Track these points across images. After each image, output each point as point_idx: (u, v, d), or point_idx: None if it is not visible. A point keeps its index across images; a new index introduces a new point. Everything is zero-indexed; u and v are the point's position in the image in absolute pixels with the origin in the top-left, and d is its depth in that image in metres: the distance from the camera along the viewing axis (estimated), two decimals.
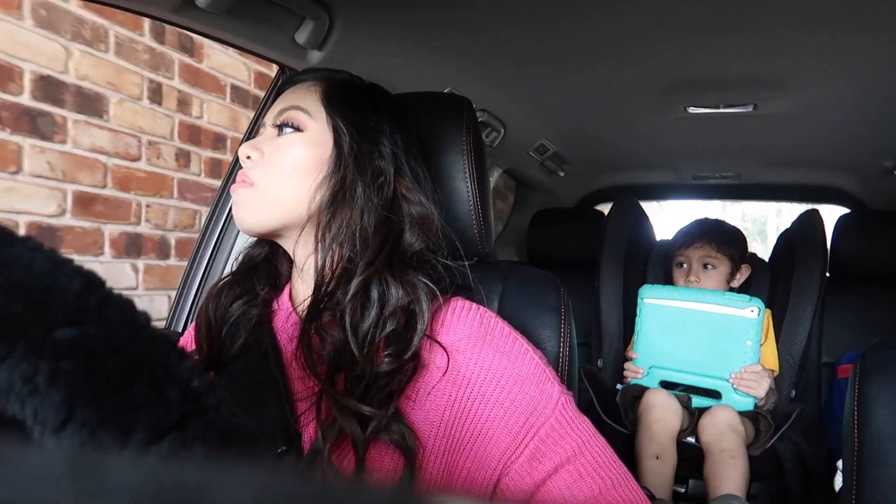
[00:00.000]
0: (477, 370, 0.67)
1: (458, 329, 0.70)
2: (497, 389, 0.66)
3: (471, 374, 0.67)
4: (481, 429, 0.65)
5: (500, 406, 0.66)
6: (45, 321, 0.27)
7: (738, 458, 1.48)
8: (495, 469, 0.65)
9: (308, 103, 0.75)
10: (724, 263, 1.75)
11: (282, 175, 0.72)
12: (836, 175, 2.29)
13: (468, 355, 0.68)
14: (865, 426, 0.82)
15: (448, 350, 0.68)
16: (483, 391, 0.66)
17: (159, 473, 0.15)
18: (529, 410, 0.65)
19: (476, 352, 0.68)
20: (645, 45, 1.25)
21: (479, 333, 0.69)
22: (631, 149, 2.20)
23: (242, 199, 0.72)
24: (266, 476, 0.15)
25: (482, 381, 0.67)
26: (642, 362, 1.67)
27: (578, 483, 0.63)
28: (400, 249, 0.72)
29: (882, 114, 1.57)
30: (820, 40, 1.18)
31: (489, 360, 0.68)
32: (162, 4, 0.89)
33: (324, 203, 0.71)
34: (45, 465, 0.15)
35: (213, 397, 0.30)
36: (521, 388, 0.67)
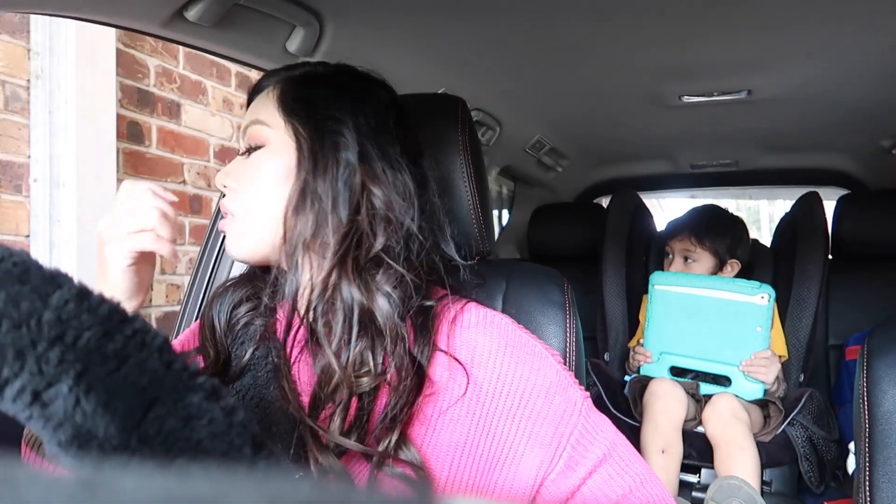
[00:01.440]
0: (500, 385, 0.64)
1: (476, 341, 0.66)
2: (523, 404, 0.64)
3: (494, 390, 0.64)
4: (511, 445, 0.63)
5: (529, 420, 0.63)
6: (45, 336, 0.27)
7: (746, 448, 1.47)
8: (533, 485, 0.63)
9: (266, 113, 0.71)
10: (704, 258, 1.73)
11: (253, 198, 0.69)
12: (835, 157, 2.28)
13: (489, 370, 0.65)
14: (876, 406, 0.82)
15: (467, 365, 0.64)
16: (509, 406, 0.64)
17: (172, 487, 0.15)
18: (557, 420, 0.64)
19: (497, 365, 0.65)
20: (636, 35, 1.25)
21: (499, 346, 0.66)
22: (628, 141, 2.20)
23: (228, 232, 0.71)
24: (279, 486, 0.15)
25: (506, 396, 0.64)
26: (652, 348, 1.67)
27: (610, 484, 0.63)
28: (365, 247, 0.65)
29: (877, 94, 1.56)
30: (811, 22, 1.18)
31: (512, 373, 0.65)
32: (152, 19, 0.89)
33: (289, 212, 0.66)
34: (59, 483, 0.15)
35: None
36: (547, 398, 0.64)
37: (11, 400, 0.27)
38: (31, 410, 0.27)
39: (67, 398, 0.26)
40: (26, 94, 1.65)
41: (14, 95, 1.62)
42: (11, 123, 1.62)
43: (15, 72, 1.62)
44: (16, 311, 0.27)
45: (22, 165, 1.64)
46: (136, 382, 0.28)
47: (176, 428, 0.29)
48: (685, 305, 1.62)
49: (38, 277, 0.28)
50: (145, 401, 0.28)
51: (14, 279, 0.28)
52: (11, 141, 1.62)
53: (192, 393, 0.30)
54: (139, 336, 0.29)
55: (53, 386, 0.26)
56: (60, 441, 0.27)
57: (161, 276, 1.99)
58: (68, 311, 0.28)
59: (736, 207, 8.43)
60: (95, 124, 1.75)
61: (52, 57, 1.68)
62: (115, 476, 0.16)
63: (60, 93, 1.69)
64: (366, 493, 0.16)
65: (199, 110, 2.13)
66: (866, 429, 0.83)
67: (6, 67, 1.60)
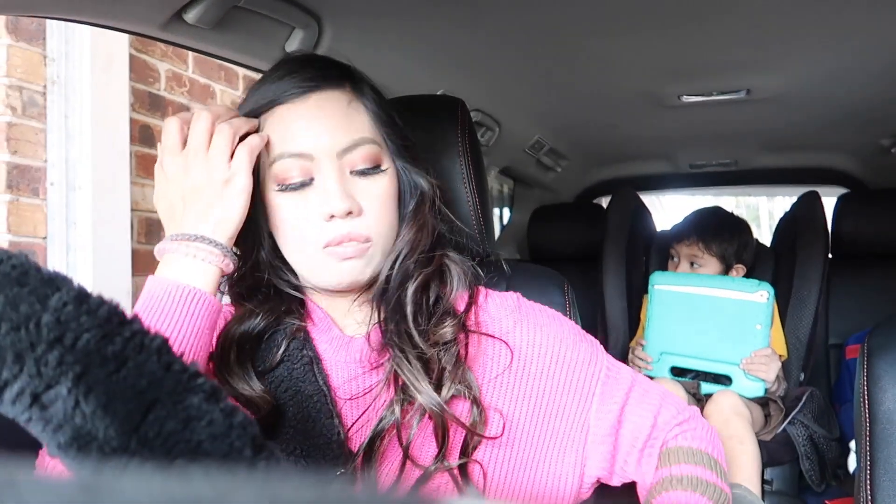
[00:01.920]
0: (532, 349, 0.73)
1: (499, 316, 0.74)
2: (555, 359, 0.73)
3: (528, 355, 0.72)
4: (553, 399, 0.71)
5: (563, 372, 0.73)
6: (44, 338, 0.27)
7: (747, 444, 1.47)
8: (583, 423, 0.72)
9: (369, 131, 0.70)
10: (710, 264, 1.72)
11: (387, 220, 0.70)
12: (834, 156, 2.28)
13: (518, 337, 0.73)
14: (876, 405, 0.82)
15: (499, 337, 0.72)
16: (544, 366, 0.72)
17: (172, 489, 0.15)
18: (586, 364, 0.74)
19: (524, 332, 0.73)
20: (635, 35, 1.25)
21: (519, 316, 0.74)
22: (627, 141, 2.20)
23: (363, 258, 0.68)
24: (280, 487, 0.15)
25: (540, 357, 0.72)
26: (653, 348, 1.67)
27: (643, 403, 0.74)
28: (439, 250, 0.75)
29: (876, 93, 1.56)
30: (810, 21, 1.18)
31: (538, 335, 0.73)
32: (150, 22, 0.89)
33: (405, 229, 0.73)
34: (60, 485, 0.15)
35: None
36: (574, 348, 0.74)
37: (11, 402, 0.27)
38: (31, 413, 0.27)
39: (67, 400, 0.26)
40: (43, 99, 1.68)
41: (31, 101, 1.65)
42: (28, 128, 1.65)
43: (32, 78, 1.66)
44: (15, 313, 0.27)
45: (39, 169, 1.67)
46: (136, 384, 0.28)
47: (176, 430, 0.29)
48: (685, 305, 1.62)
49: (37, 280, 0.28)
50: (145, 403, 0.28)
51: (13, 281, 0.28)
52: (29, 145, 1.65)
53: (192, 394, 0.30)
54: (138, 338, 0.29)
55: (53, 388, 0.26)
56: (60, 443, 0.27)
57: None
58: (67, 314, 0.28)
59: (735, 204, 8.43)
60: (110, 128, 1.79)
61: (67, 63, 1.72)
62: (115, 478, 0.16)
63: (76, 98, 1.73)
64: (365, 493, 0.16)
65: None
66: (867, 427, 0.83)
67: (23, 74, 1.63)
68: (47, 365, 0.26)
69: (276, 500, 0.15)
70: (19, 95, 1.62)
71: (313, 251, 0.67)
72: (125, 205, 1.83)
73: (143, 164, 1.93)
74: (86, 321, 0.28)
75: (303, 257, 0.69)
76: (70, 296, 0.28)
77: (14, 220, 1.61)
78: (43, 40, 1.68)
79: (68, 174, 1.72)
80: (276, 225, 0.69)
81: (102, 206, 1.76)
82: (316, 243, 0.66)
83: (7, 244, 1.60)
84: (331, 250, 0.66)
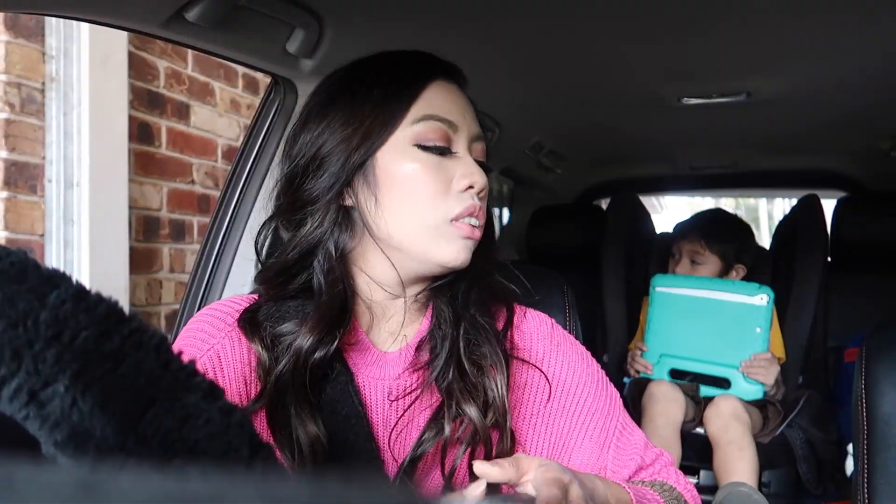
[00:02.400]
0: (555, 384, 0.70)
1: (530, 342, 0.72)
2: (575, 401, 0.70)
3: (550, 389, 0.70)
4: (566, 440, 0.69)
5: (580, 416, 0.70)
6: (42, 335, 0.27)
7: (746, 450, 1.47)
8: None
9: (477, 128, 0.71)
10: (711, 261, 1.73)
11: (487, 215, 0.70)
12: (833, 159, 2.28)
13: (547, 367, 0.71)
14: (874, 409, 0.82)
15: (538, 367, 0.70)
16: (563, 404, 0.70)
17: (170, 487, 0.15)
18: (604, 415, 0.71)
19: (551, 365, 0.71)
20: (636, 37, 1.25)
21: (550, 345, 0.72)
22: (627, 142, 2.20)
23: (473, 241, 0.67)
24: (276, 486, 0.15)
25: (561, 394, 0.70)
26: (653, 351, 1.67)
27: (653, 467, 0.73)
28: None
29: (876, 96, 1.56)
30: (810, 24, 1.18)
31: (564, 371, 0.71)
32: (151, 20, 0.89)
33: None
34: (57, 483, 0.15)
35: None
36: (595, 394, 0.71)
37: (8, 399, 0.27)
38: (28, 410, 0.27)
39: (64, 398, 0.26)
40: (41, 96, 1.68)
41: (29, 98, 1.66)
42: (27, 125, 1.65)
43: (30, 75, 1.66)
44: (13, 310, 0.27)
45: (37, 166, 1.68)
46: (134, 382, 0.28)
47: (173, 428, 0.29)
48: (685, 307, 1.63)
49: (36, 277, 0.28)
50: (142, 401, 0.28)
51: (11, 278, 0.28)
52: (27, 142, 1.65)
53: (190, 393, 0.30)
54: (136, 336, 0.29)
55: (50, 385, 0.26)
56: (57, 441, 0.27)
57: (170, 274, 2.00)
58: (65, 311, 0.28)
59: (735, 205, 8.46)
60: (108, 126, 1.79)
61: (66, 60, 1.72)
62: (111, 476, 0.16)
63: (74, 95, 1.73)
64: (363, 492, 0.16)
65: (207, 111, 2.15)
66: (864, 431, 0.83)
67: (22, 70, 1.63)
68: (45, 362, 0.26)
69: (273, 499, 0.15)
70: (18, 92, 1.62)
71: (440, 222, 0.64)
72: (123, 202, 1.83)
73: (141, 161, 1.92)
74: (84, 319, 0.28)
75: (424, 228, 0.64)
76: (68, 293, 0.28)
77: (12, 216, 1.61)
78: (42, 37, 1.68)
79: (66, 171, 1.72)
80: (401, 191, 0.64)
81: (100, 203, 1.76)
82: (445, 214, 0.64)
83: (4, 241, 1.60)
84: (458, 224, 0.65)
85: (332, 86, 0.71)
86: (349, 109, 0.66)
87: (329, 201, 0.65)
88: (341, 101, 0.67)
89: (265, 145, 1.25)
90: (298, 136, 0.69)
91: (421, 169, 0.64)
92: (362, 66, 0.71)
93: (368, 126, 0.65)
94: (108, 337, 0.28)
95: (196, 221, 2.11)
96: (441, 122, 0.66)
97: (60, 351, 0.27)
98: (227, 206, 1.20)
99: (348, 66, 0.72)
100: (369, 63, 0.71)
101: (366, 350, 0.69)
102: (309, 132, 0.68)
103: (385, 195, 0.65)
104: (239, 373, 0.65)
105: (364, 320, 0.69)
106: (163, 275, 1.96)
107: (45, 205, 1.69)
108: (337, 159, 0.65)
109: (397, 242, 0.65)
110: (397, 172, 0.65)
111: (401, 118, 0.65)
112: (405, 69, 0.69)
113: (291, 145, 0.70)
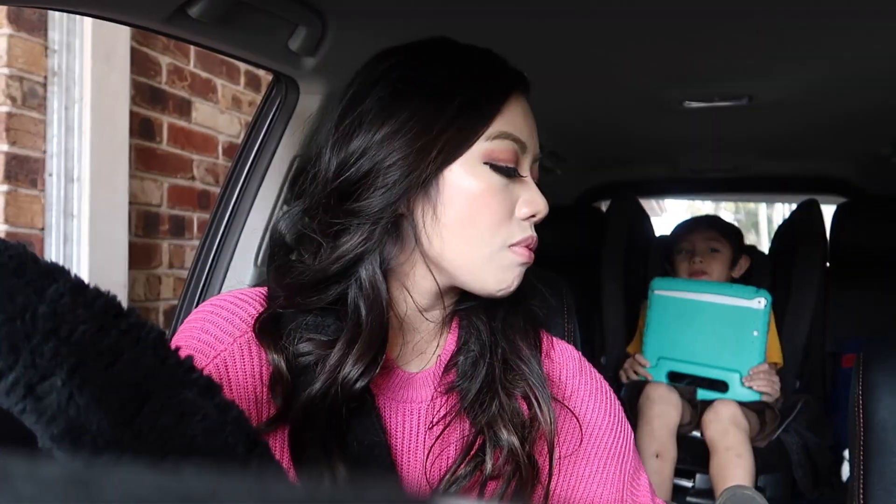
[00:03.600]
0: (587, 423, 0.67)
1: (561, 369, 0.68)
2: (595, 443, 0.67)
3: (585, 430, 0.67)
4: (584, 484, 0.66)
5: (600, 459, 0.67)
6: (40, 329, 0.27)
7: (744, 457, 1.48)
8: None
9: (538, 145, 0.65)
10: (727, 248, 1.78)
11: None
12: (833, 164, 2.29)
13: (575, 404, 0.67)
14: (871, 415, 0.82)
15: (571, 409, 0.67)
16: (584, 447, 0.66)
17: (165, 484, 0.15)
18: (621, 457, 0.68)
19: (577, 403, 0.67)
20: (638, 39, 1.25)
21: (578, 382, 0.68)
22: (628, 145, 2.20)
23: (526, 268, 0.62)
24: (271, 485, 0.15)
25: (594, 436, 0.67)
26: (651, 354, 1.67)
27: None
28: None
29: (877, 101, 1.56)
30: (812, 29, 1.18)
31: (588, 411, 0.67)
32: (153, 15, 0.89)
33: None
34: (51, 478, 0.15)
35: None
36: (614, 436, 0.68)
37: (5, 393, 0.26)
38: (25, 403, 0.27)
39: (61, 392, 0.26)
40: (43, 90, 1.69)
41: (31, 92, 1.66)
42: (28, 119, 1.65)
43: (32, 69, 1.66)
44: (11, 303, 0.27)
45: (38, 160, 1.68)
46: (131, 377, 0.28)
47: (169, 424, 0.29)
48: (684, 310, 1.64)
49: (34, 271, 0.28)
50: (139, 396, 0.28)
51: (10, 272, 0.28)
52: (28, 136, 1.65)
53: (187, 389, 0.30)
54: (134, 331, 0.29)
55: (47, 379, 0.26)
56: (53, 435, 0.27)
57: (169, 269, 2.00)
58: (63, 305, 0.28)
59: (735, 209, 8.48)
60: (109, 121, 1.79)
61: (68, 54, 1.72)
62: (107, 472, 0.16)
63: (76, 90, 1.73)
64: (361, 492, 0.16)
65: (208, 108, 2.15)
66: (861, 437, 0.83)
67: (24, 64, 1.64)
68: (42, 356, 0.26)
69: (268, 498, 0.15)
70: (19, 86, 1.62)
71: (498, 249, 0.59)
72: (123, 197, 1.83)
73: (142, 157, 1.92)
74: (82, 313, 0.28)
75: (480, 253, 0.59)
76: (67, 287, 0.28)
77: (12, 210, 1.61)
78: (45, 31, 1.68)
79: (67, 166, 1.72)
80: (464, 210, 0.58)
81: (101, 198, 1.76)
82: (504, 241, 0.59)
83: (4, 234, 1.60)
84: (515, 250, 0.59)
85: (397, 80, 0.61)
86: (422, 115, 0.58)
87: (385, 212, 0.57)
88: (412, 102, 0.59)
89: (266, 143, 1.25)
90: (353, 134, 0.59)
91: (488, 191, 0.58)
92: (433, 60, 0.63)
93: (446, 139, 0.58)
94: (105, 332, 0.28)
95: (196, 217, 2.11)
96: (515, 141, 0.60)
97: (58, 345, 0.27)
98: (227, 202, 1.20)
99: (411, 54, 0.64)
100: (442, 56, 0.63)
101: (390, 371, 0.62)
102: (368, 133, 0.58)
103: (445, 212, 0.58)
104: (249, 388, 0.58)
105: (395, 339, 0.63)
106: (162, 270, 1.96)
107: (45, 199, 1.69)
108: (404, 173, 0.57)
109: (448, 262, 0.59)
110: (463, 190, 0.58)
111: (481, 133, 0.59)
112: (489, 76, 0.62)
113: (342, 140, 0.60)
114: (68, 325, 0.27)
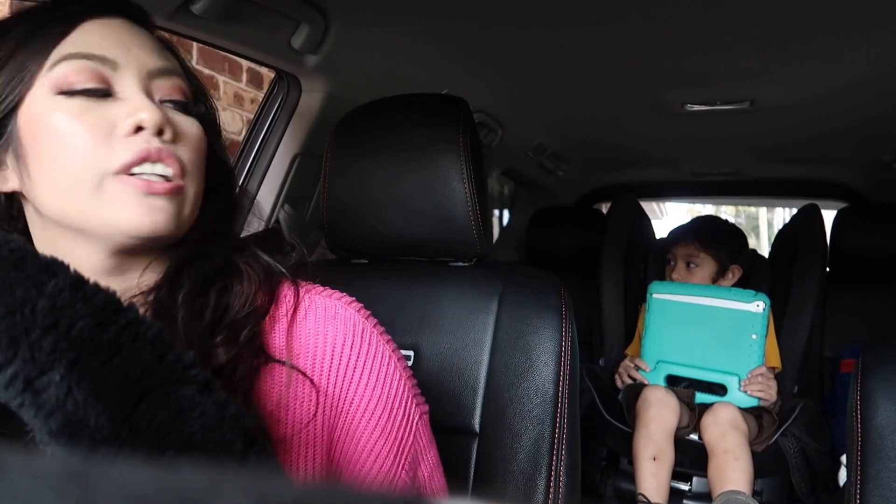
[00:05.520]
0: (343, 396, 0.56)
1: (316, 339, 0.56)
2: (367, 417, 0.56)
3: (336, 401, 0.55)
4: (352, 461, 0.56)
5: (371, 436, 0.56)
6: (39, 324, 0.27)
7: (742, 460, 1.48)
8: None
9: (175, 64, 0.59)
10: (707, 263, 1.74)
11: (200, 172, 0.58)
12: (834, 169, 2.29)
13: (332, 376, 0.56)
14: (868, 420, 0.82)
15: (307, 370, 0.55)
16: (351, 420, 0.56)
17: (162, 480, 0.15)
18: (399, 439, 0.57)
19: (342, 371, 0.56)
20: (641, 42, 1.25)
21: (343, 345, 0.57)
22: (630, 147, 2.20)
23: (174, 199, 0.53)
24: (270, 482, 0.15)
25: (350, 408, 0.56)
26: (649, 357, 1.67)
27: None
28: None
29: (878, 107, 1.57)
30: (814, 34, 1.18)
31: (357, 380, 0.56)
32: (157, 11, 0.89)
33: None
34: (48, 473, 0.15)
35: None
36: (390, 413, 0.57)
37: (3, 387, 0.27)
38: (23, 398, 0.27)
39: (59, 387, 0.26)
40: None
41: None
42: None
43: None
44: (10, 297, 0.27)
45: None
46: (129, 373, 0.28)
47: (167, 420, 0.29)
48: (682, 314, 1.64)
49: (34, 265, 0.28)
50: (137, 392, 0.28)
51: (9, 266, 0.28)
52: None
53: (185, 385, 0.30)
54: (133, 327, 0.29)
55: (46, 374, 0.26)
56: (51, 429, 0.27)
57: None
58: (63, 300, 0.28)
59: (735, 213, 8.48)
60: None
61: None
62: (104, 467, 0.16)
63: None
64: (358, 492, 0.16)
65: None
66: (858, 442, 0.83)
67: None
68: (41, 350, 0.26)
69: (265, 495, 0.15)
70: None
71: (100, 177, 0.49)
72: None
73: None
74: (81, 308, 0.28)
75: (80, 190, 0.49)
76: (66, 282, 0.28)
77: None
78: None
79: None
80: (48, 150, 0.50)
81: None
82: (105, 166, 0.49)
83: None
84: (128, 178, 0.49)
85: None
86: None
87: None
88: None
89: (268, 140, 1.25)
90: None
91: (66, 118, 0.49)
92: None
93: (4, 81, 0.50)
94: (104, 327, 0.28)
95: None
96: (89, 59, 0.51)
97: (57, 340, 0.27)
98: None
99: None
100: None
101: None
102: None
103: (34, 163, 0.50)
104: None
105: None
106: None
107: None
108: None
109: (58, 215, 0.51)
110: (42, 130, 0.50)
111: (41, 63, 0.50)
112: (47, 10, 0.53)
113: None
114: (67, 320, 0.27)
